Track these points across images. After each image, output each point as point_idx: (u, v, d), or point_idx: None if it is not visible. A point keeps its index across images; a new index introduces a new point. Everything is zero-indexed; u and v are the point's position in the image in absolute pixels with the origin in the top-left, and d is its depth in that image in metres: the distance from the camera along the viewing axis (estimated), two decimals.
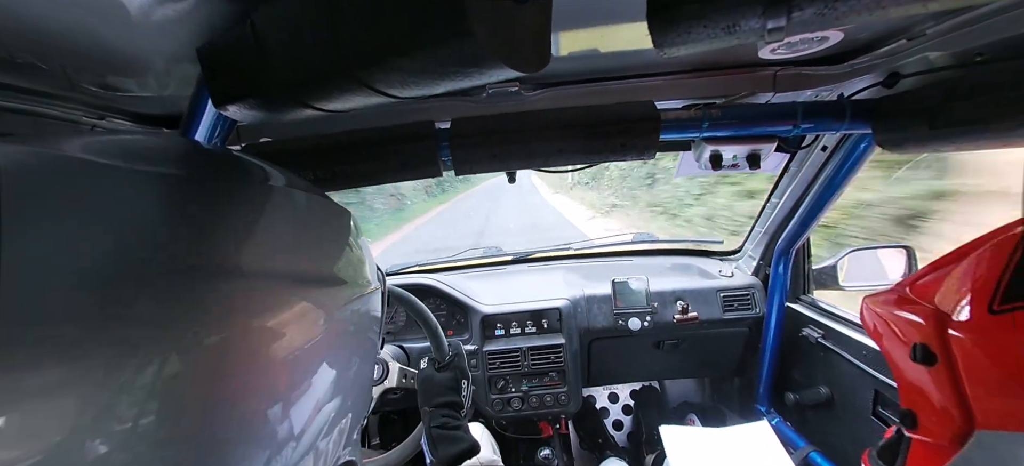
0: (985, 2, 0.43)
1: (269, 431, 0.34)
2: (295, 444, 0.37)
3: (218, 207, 0.35)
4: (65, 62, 0.53)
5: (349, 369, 0.46)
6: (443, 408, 0.84)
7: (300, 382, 0.38)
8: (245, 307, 0.33)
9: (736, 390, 1.74)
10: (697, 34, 0.32)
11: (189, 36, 0.49)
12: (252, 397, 0.32)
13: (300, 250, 0.42)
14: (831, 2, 0.28)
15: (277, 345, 0.35)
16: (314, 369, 0.40)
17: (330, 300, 0.44)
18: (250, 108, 0.48)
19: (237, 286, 0.33)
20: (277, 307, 0.36)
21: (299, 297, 0.39)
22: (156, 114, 0.78)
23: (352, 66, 0.36)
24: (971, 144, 0.68)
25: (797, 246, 1.39)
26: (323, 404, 0.41)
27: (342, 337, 0.45)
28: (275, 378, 0.35)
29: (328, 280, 0.44)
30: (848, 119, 0.81)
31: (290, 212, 0.43)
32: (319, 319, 0.41)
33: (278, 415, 0.35)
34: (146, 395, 0.25)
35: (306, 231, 0.44)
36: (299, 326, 0.38)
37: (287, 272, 0.38)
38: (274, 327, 0.35)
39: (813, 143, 1.10)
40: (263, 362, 0.34)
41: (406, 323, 1.54)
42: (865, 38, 0.69)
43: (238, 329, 0.31)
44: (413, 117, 0.82)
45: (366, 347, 0.53)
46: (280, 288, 0.37)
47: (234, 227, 0.35)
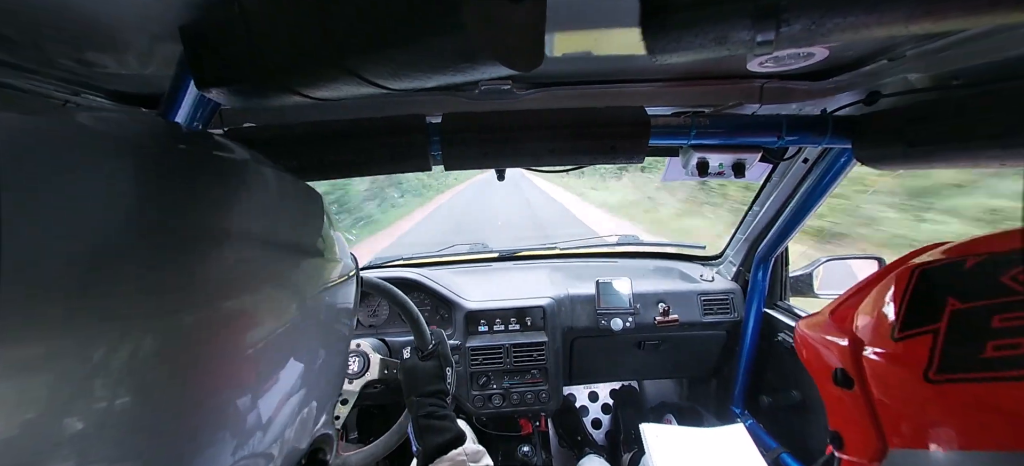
0: (963, 28, 0.45)
1: (240, 411, 0.34)
2: (264, 425, 0.37)
3: (193, 185, 0.34)
4: (39, 34, 0.50)
5: (320, 351, 0.46)
6: (429, 397, 0.83)
7: (273, 363, 0.38)
8: (219, 287, 0.32)
9: (713, 391, 1.78)
10: (688, 42, 0.33)
11: (172, 13, 0.47)
12: (226, 378, 0.32)
13: (273, 229, 0.41)
14: (819, 19, 0.29)
15: (250, 326, 0.35)
16: (287, 350, 0.39)
17: (303, 282, 0.43)
18: (234, 92, 0.47)
19: (212, 266, 0.32)
20: (250, 289, 0.35)
21: (273, 278, 0.39)
22: (134, 93, 0.75)
23: (342, 53, 0.35)
24: (945, 163, 0.71)
25: (776, 254, 1.43)
26: (294, 387, 0.41)
27: (314, 320, 0.45)
28: (249, 360, 0.35)
29: (301, 260, 0.44)
30: (830, 134, 0.83)
31: (263, 191, 0.42)
32: (292, 301, 0.41)
33: (249, 396, 0.35)
34: (122, 372, 0.25)
35: (279, 211, 0.44)
36: (272, 308, 0.38)
37: (261, 253, 0.38)
38: (247, 310, 0.35)
39: (795, 155, 1.13)
40: (237, 344, 0.34)
41: (388, 317, 1.53)
42: (849, 56, 0.71)
43: (212, 310, 0.31)
44: (403, 110, 0.81)
45: (338, 331, 0.52)
46: (253, 269, 0.36)
47: (209, 206, 0.34)
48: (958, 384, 0.35)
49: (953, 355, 0.35)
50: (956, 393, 0.35)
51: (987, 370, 0.33)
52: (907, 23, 0.28)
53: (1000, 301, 0.34)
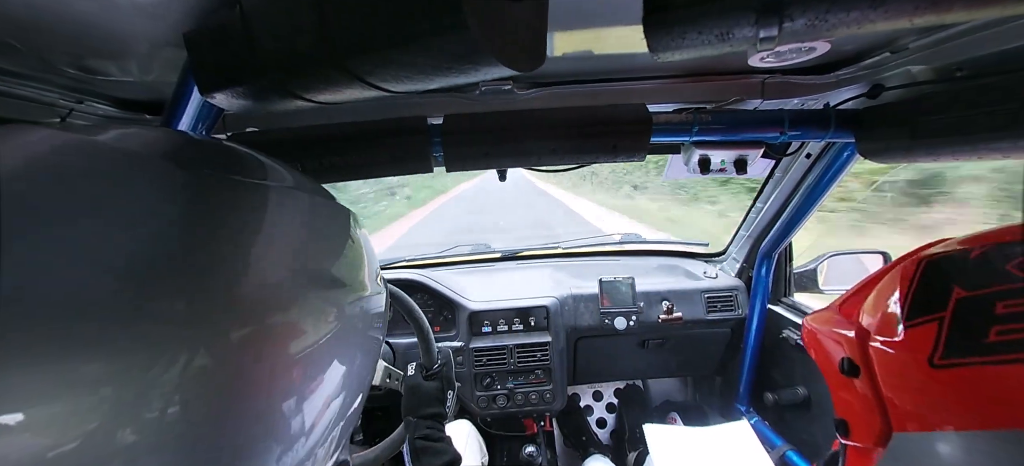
0: (967, 19, 0.44)
1: (284, 428, 0.35)
2: (306, 441, 0.38)
3: (236, 206, 0.35)
4: (42, 43, 0.51)
5: (354, 367, 0.46)
6: (427, 420, 0.83)
7: (313, 380, 0.38)
8: (264, 305, 0.33)
9: (718, 389, 1.77)
10: (691, 39, 0.33)
11: (175, 19, 0.47)
12: (271, 394, 0.33)
13: (310, 250, 0.42)
14: (822, 14, 0.28)
15: (293, 342, 0.36)
16: (326, 367, 0.40)
17: (339, 299, 0.44)
18: (238, 97, 0.47)
19: (255, 285, 0.33)
20: (293, 305, 0.36)
21: (313, 296, 0.39)
22: (138, 99, 0.75)
23: (343, 57, 0.35)
24: (949, 156, 0.70)
25: (780, 250, 1.42)
26: (332, 402, 0.42)
27: (350, 335, 0.46)
28: (291, 376, 0.36)
29: (336, 279, 0.45)
30: (832, 128, 0.83)
31: (299, 212, 0.43)
32: (330, 318, 0.41)
33: (293, 413, 0.36)
34: (173, 389, 0.26)
35: (314, 231, 0.45)
36: (313, 325, 0.38)
37: (301, 271, 0.39)
38: (290, 325, 0.36)
39: (798, 150, 1.13)
40: (281, 360, 0.34)
41: (392, 319, 1.53)
42: (851, 50, 0.71)
43: (259, 327, 0.32)
44: (405, 112, 0.81)
45: (370, 346, 0.53)
46: (295, 287, 0.37)
47: (251, 226, 0.35)
48: (962, 368, 0.36)
49: (958, 341, 0.37)
50: (960, 377, 0.37)
51: (991, 354, 0.35)
52: (912, 16, 0.28)
53: (1004, 288, 0.35)
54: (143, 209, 0.28)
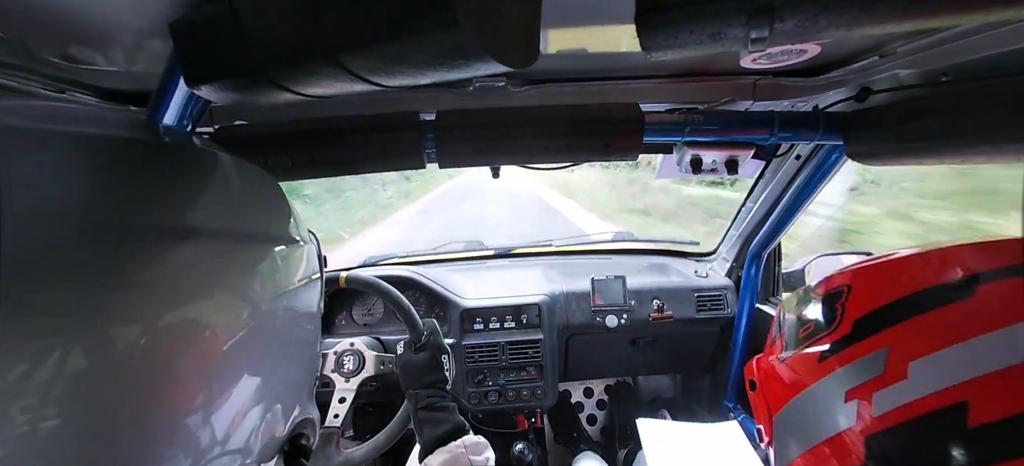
0: (953, 24, 0.45)
1: (191, 428, 0.31)
2: (221, 441, 0.35)
3: (135, 179, 0.31)
4: (23, 30, 0.49)
5: (274, 373, 0.44)
6: (427, 389, 0.82)
7: (227, 375, 0.35)
8: (163, 294, 0.30)
9: (706, 387, 1.80)
10: (683, 39, 0.33)
11: (162, 9, 0.46)
12: (174, 394, 0.30)
13: (228, 227, 0.39)
14: (812, 16, 0.29)
15: (198, 337, 0.32)
16: (242, 359, 0.37)
17: (258, 285, 0.41)
18: (225, 89, 0.46)
19: (155, 270, 0.29)
20: (198, 295, 0.33)
21: (224, 281, 0.36)
22: (123, 90, 0.73)
23: (334, 49, 0.35)
24: (935, 159, 0.71)
25: (769, 250, 1.44)
26: (252, 399, 0.39)
27: (272, 324, 0.43)
28: (198, 374, 0.32)
29: (256, 263, 0.41)
30: (821, 130, 0.84)
31: (219, 186, 0.40)
32: (245, 305, 0.38)
33: (200, 414, 0.32)
34: (48, 392, 0.22)
35: (236, 207, 0.41)
36: (223, 314, 0.35)
37: (211, 253, 0.35)
38: (194, 318, 0.32)
39: (788, 151, 1.14)
40: (184, 357, 0.31)
41: (383, 316, 1.52)
42: (840, 53, 0.72)
43: (156, 319, 0.28)
44: (397, 107, 0.80)
45: (296, 351, 0.50)
46: (202, 274, 0.34)
47: (151, 201, 0.31)
48: (789, 359, 0.55)
49: (788, 342, 0.57)
50: (788, 364, 0.56)
51: (799, 345, 0.53)
52: (900, 20, 0.28)
53: (806, 302, 0.57)
54: (16, 183, 0.23)
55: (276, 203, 0.48)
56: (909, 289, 0.43)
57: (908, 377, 0.38)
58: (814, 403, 0.47)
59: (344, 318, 1.53)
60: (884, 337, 0.42)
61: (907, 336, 0.40)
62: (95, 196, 0.27)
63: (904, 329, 0.41)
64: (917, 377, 0.37)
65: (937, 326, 0.38)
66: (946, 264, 0.42)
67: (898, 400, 0.38)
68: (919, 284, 0.42)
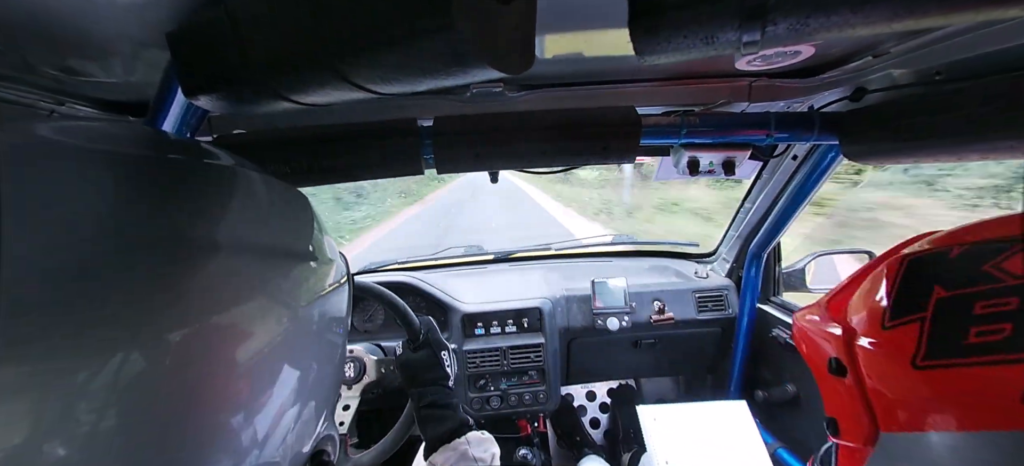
0: (944, 24, 0.45)
1: (234, 429, 0.33)
2: (260, 443, 0.36)
3: (175, 194, 0.33)
4: (21, 42, 0.50)
5: (314, 360, 0.45)
6: (429, 386, 0.81)
7: (266, 378, 0.37)
8: (206, 302, 0.31)
9: (709, 388, 1.79)
10: (676, 43, 0.33)
11: (159, 19, 0.46)
12: (218, 397, 0.31)
13: (261, 237, 0.40)
14: (804, 19, 0.29)
15: (240, 341, 0.34)
16: (281, 363, 0.39)
17: (294, 290, 0.43)
18: (222, 98, 0.46)
19: (198, 279, 0.31)
20: (238, 302, 0.34)
21: (262, 288, 0.38)
22: (121, 101, 0.74)
23: (331, 58, 0.35)
24: (930, 156, 0.72)
25: (768, 250, 1.44)
26: (290, 400, 0.40)
27: (308, 328, 0.44)
28: (240, 376, 0.34)
29: (292, 268, 0.43)
30: (817, 130, 0.84)
31: (249, 198, 0.41)
32: (284, 311, 0.39)
33: (243, 414, 0.34)
34: (107, 395, 0.24)
35: (266, 218, 0.43)
36: (263, 320, 0.37)
37: (249, 263, 0.37)
38: (236, 324, 0.34)
39: (785, 152, 1.15)
40: (228, 361, 0.33)
41: (384, 322, 1.52)
42: (834, 54, 0.72)
43: (201, 326, 0.30)
44: (395, 114, 0.81)
45: (333, 337, 0.51)
46: (241, 281, 0.35)
47: (192, 215, 0.33)
48: (943, 370, 0.36)
49: (938, 342, 0.37)
50: (942, 378, 0.36)
51: (970, 355, 0.34)
52: (890, 21, 0.28)
53: (982, 289, 0.35)
54: (66, 202, 0.25)
55: (303, 216, 0.49)
56: None
57: None
58: (1007, 460, 0.31)
59: None
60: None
61: None
62: (132, 213, 0.29)
63: None
64: None
65: None
66: None
67: None
68: None
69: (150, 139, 0.39)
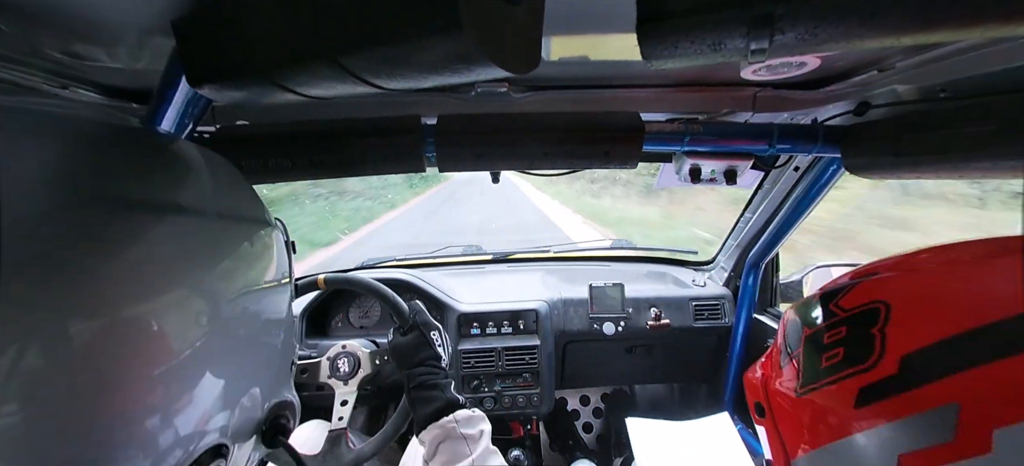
0: (953, 39, 0.45)
1: (136, 446, 0.30)
2: (181, 441, 0.34)
3: (91, 163, 0.31)
4: (26, 24, 0.49)
5: (235, 380, 0.43)
6: (419, 367, 0.81)
7: (188, 374, 0.35)
8: (119, 289, 0.29)
9: (703, 396, 1.79)
10: (684, 48, 0.33)
11: (165, 6, 0.46)
12: (123, 404, 0.29)
13: (188, 215, 0.38)
14: (813, 28, 0.29)
15: (156, 334, 0.32)
16: (192, 376, 0.36)
17: (220, 284, 0.40)
18: (227, 88, 0.46)
19: (108, 260, 0.29)
20: (154, 292, 0.32)
21: (181, 294, 0.35)
22: (126, 87, 0.74)
23: (336, 51, 0.35)
24: (931, 173, 0.72)
25: (767, 260, 1.44)
26: (209, 418, 0.38)
27: (229, 343, 0.41)
28: (157, 375, 0.31)
29: (216, 279, 0.41)
30: (820, 142, 0.84)
31: (190, 207, 0.39)
32: (200, 320, 0.37)
33: (159, 416, 0.31)
34: (5, 384, 0.22)
35: (199, 201, 0.41)
36: (176, 325, 0.34)
37: (167, 242, 0.35)
38: (151, 313, 0.31)
39: (786, 163, 1.15)
40: (141, 355, 0.30)
41: (380, 319, 1.52)
42: (840, 67, 0.72)
43: (108, 321, 0.28)
44: (398, 110, 0.81)
45: (261, 355, 0.49)
46: (160, 282, 0.33)
47: (104, 184, 0.31)
48: (811, 393, 0.42)
49: (805, 372, 0.44)
50: (809, 402, 0.43)
51: (821, 378, 0.41)
52: (899, 34, 0.28)
53: (828, 323, 0.42)
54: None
55: (240, 188, 0.48)
56: (982, 316, 0.30)
57: (993, 451, 0.27)
58: (850, 460, 0.36)
59: (340, 321, 1.53)
60: (949, 386, 0.30)
61: (987, 388, 0.29)
62: (23, 178, 0.26)
63: (981, 376, 0.29)
64: (1007, 453, 0.26)
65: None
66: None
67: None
68: (997, 309, 0.30)
69: (53, 107, 0.37)
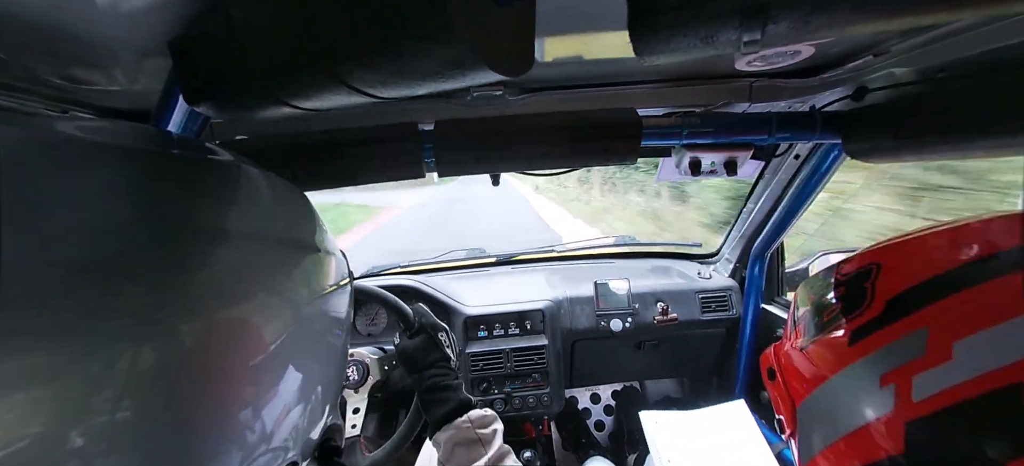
0: (945, 21, 0.45)
1: (243, 422, 0.34)
2: (268, 436, 0.37)
3: (181, 189, 0.35)
4: (25, 51, 0.50)
5: (313, 375, 0.47)
6: (428, 369, 0.81)
7: (274, 371, 0.38)
8: (215, 295, 0.33)
9: (714, 389, 1.78)
10: (676, 43, 0.33)
11: (161, 27, 0.47)
12: (228, 389, 0.32)
13: (266, 233, 0.42)
14: (804, 17, 0.29)
15: (248, 334, 0.35)
16: (287, 356, 0.40)
17: (299, 286, 0.44)
18: (224, 104, 0.46)
19: (206, 273, 0.32)
20: (246, 295, 0.35)
21: (268, 283, 0.39)
22: (124, 109, 0.74)
23: (331, 63, 0.35)
24: (932, 155, 0.71)
25: (772, 250, 1.44)
26: (296, 395, 0.41)
27: (311, 324, 0.45)
28: (249, 369, 0.35)
29: (296, 265, 0.45)
30: (819, 129, 0.84)
31: (253, 194, 0.43)
32: (288, 305, 0.41)
33: (251, 408, 0.35)
34: (123, 386, 0.25)
35: (270, 214, 0.44)
36: (269, 313, 0.38)
37: (255, 258, 0.38)
38: (244, 317, 0.35)
39: (787, 151, 1.14)
40: (236, 353, 0.33)
41: (387, 326, 1.52)
42: (835, 53, 0.72)
43: (211, 318, 0.31)
44: (395, 118, 0.81)
45: (335, 333, 0.53)
46: (248, 276, 0.36)
47: (198, 210, 0.35)
48: (812, 345, 0.50)
49: (809, 328, 0.51)
50: (811, 352, 0.50)
51: (822, 331, 0.48)
52: (890, 18, 0.28)
53: (829, 286, 0.50)
54: (77, 197, 0.26)
55: (305, 213, 0.50)
56: (947, 265, 0.39)
57: (953, 358, 0.35)
58: (844, 390, 0.44)
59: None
60: (922, 316, 0.38)
61: (949, 315, 0.37)
62: (143, 207, 0.30)
63: (944, 307, 0.37)
64: (963, 358, 0.34)
65: (983, 303, 0.35)
66: (987, 237, 0.39)
67: (942, 383, 0.35)
68: (958, 259, 0.39)
69: (154, 136, 0.40)
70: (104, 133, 0.33)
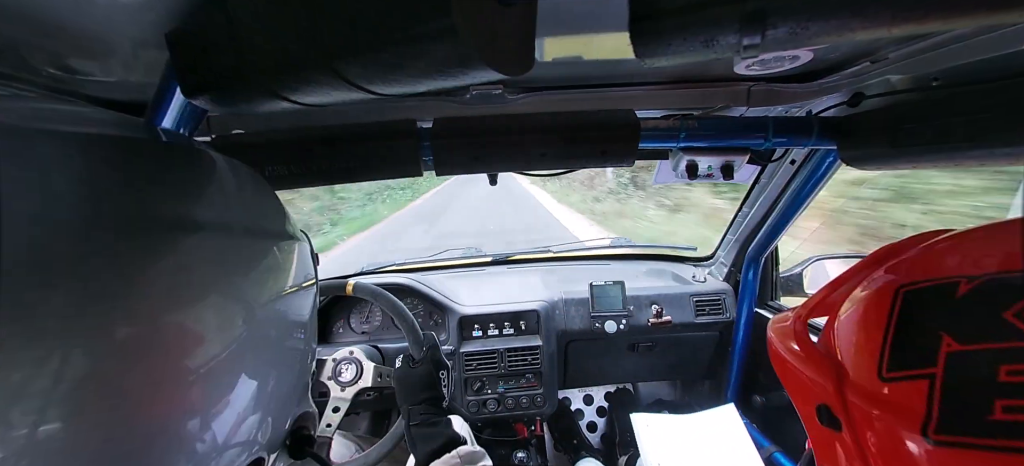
0: (944, 29, 0.46)
1: (179, 448, 0.31)
2: (219, 447, 0.35)
3: (131, 178, 0.32)
4: (19, 39, 0.49)
5: (267, 384, 0.44)
6: (421, 404, 0.82)
7: (223, 380, 0.36)
8: (159, 297, 0.30)
9: (706, 392, 1.79)
10: (676, 46, 0.33)
11: (158, 18, 0.46)
12: (170, 400, 0.30)
13: (224, 226, 0.39)
14: (804, 22, 0.29)
15: (195, 341, 0.32)
16: (230, 380, 0.37)
17: (253, 289, 0.41)
18: (221, 98, 0.46)
19: (150, 270, 0.30)
20: (193, 299, 0.33)
21: (219, 283, 0.36)
22: (120, 100, 0.73)
23: (330, 58, 0.35)
24: (928, 163, 0.72)
25: (766, 254, 1.45)
26: (242, 421, 0.39)
27: (261, 347, 0.42)
28: (194, 380, 0.32)
29: (251, 267, 0.42)
30: (815, 135, 0.84)
31: (215, 206, 0.40)
32: (240, 309, 0.38)
33: (198, 419, 0.32)
34: (47, 396, 0.22)
35: (231, 206, 0.42)
36: (218, 317, 0.35)
37: (207, 254, 0.36)
38: (190, 322, 0.32)
39: (783, 156, 1.15)
40: (180, 361, 0.31)
41: (382, 323, 1.51)
42: (833, 59, 0.73)
43: (153, 320, 0.29)
44: (394, 115, 0.81)
45: (288, 359, 0.50)
46: (196, 276, 0.34)
47: (145, 199, 0.32)
48: (962, 450, 0.28)
49: (955, 411, 0.29)
50: (960, 459, 0.28)
51: (998, 436, 0.26)
52: (890, 25, 0.28)
53: (1006, 346, 0.27)
54: (26, 183, 0.24)
55: (268, 200, 0.49)
56: None
57: None
58: None
59: (342, 326, 1.52)
60: None
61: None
62: (86, 194, 0.27)
63: None
64: None
65: None
66: None
67: None
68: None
69: (96, 119, 0.36)
70: (41, 116, 0.30)
